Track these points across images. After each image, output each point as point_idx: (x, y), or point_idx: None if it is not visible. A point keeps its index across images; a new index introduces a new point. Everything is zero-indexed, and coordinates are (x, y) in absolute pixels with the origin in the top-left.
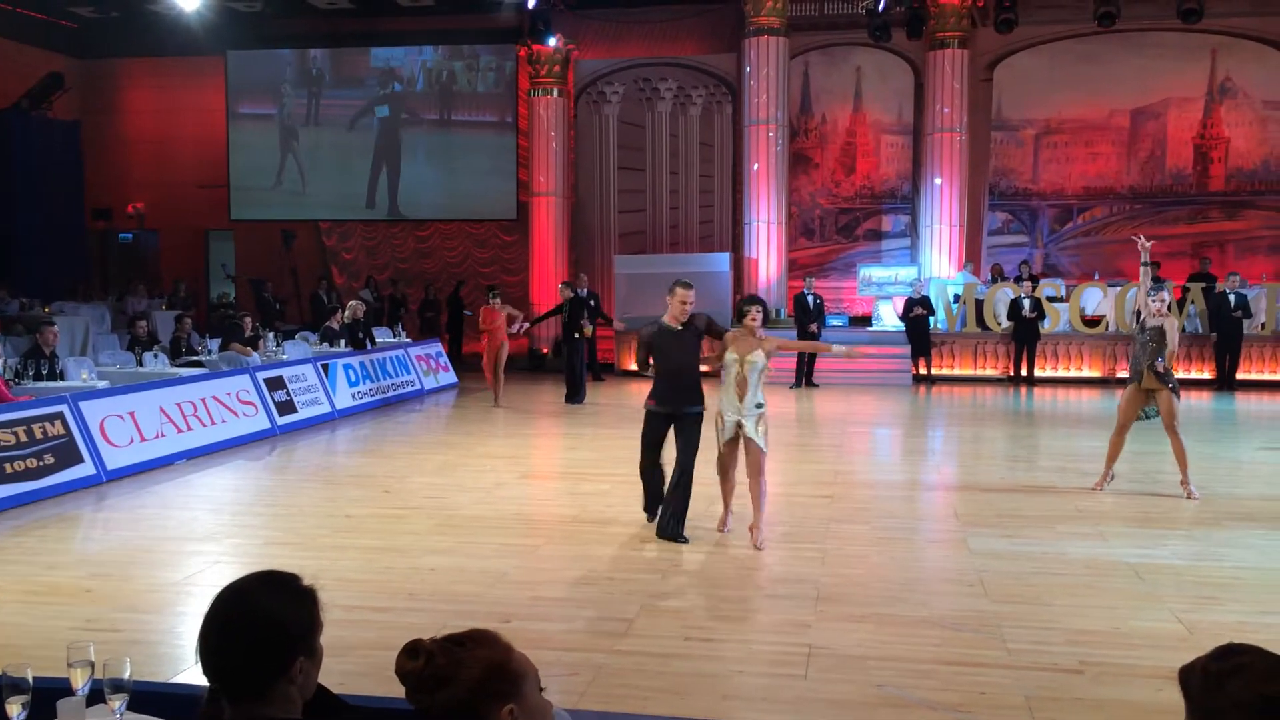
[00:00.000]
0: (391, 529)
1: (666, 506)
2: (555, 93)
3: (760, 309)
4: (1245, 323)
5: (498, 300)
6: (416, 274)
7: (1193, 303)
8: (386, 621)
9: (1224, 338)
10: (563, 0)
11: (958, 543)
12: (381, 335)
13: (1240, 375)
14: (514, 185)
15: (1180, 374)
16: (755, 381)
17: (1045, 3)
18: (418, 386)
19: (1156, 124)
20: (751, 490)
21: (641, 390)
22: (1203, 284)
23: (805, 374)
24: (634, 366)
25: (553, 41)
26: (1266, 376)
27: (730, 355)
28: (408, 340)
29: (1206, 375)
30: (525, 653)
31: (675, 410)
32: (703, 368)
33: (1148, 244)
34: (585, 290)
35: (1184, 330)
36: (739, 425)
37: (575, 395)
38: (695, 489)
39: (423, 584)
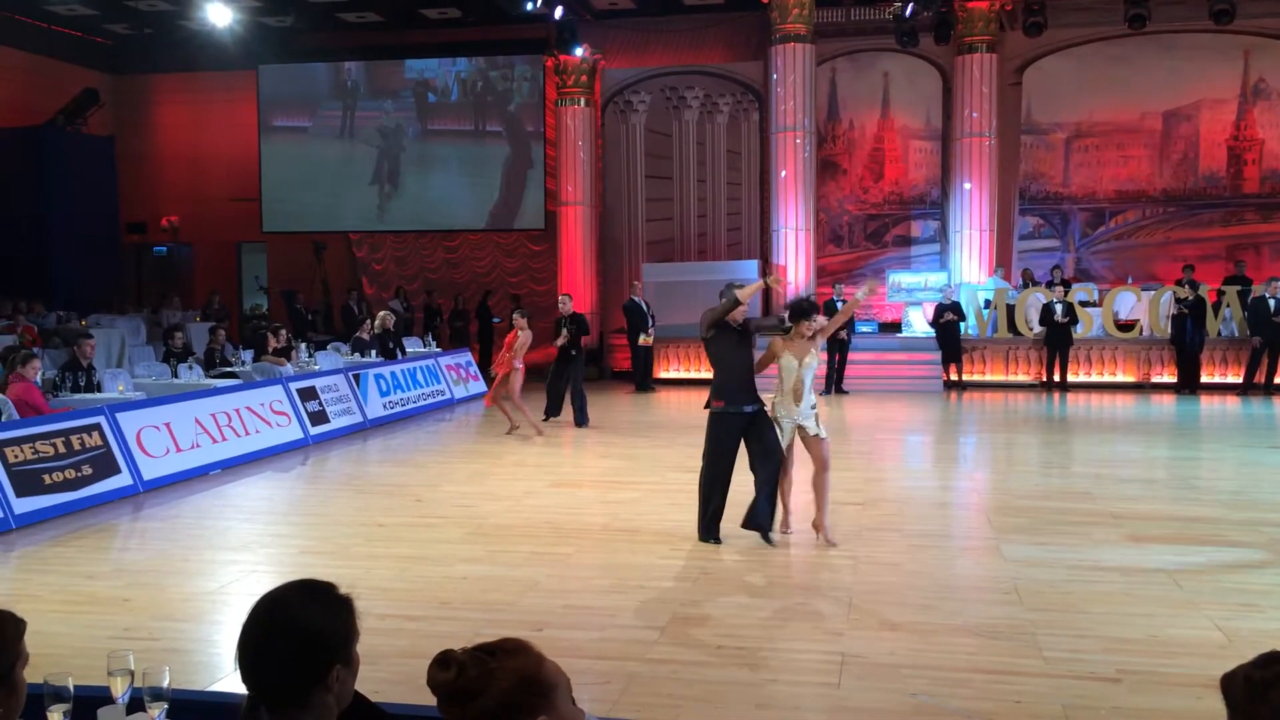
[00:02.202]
0: (423, 538)
1: (761, 514)
2: (582, 102)
3: (821, 316)
4: None
5: (524, 319)
6: (445, 284)
7: (1228, 306)
8: (419, 630)
9: (1267, 342)
10: (589, 10)
11: (991, 550)
12: (412, 345)
13: (1278, 379)
14: (542, 194)
15: (1217, 378)
16: (809, 383)
17: (1074, 5)
18: (448, 396)
19: (1189, 126)
20: (821, 485)
21: (684, 399)
22: (1238, 287)
23: (835, 380)
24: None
25: (579, 51)
26: None
27: (790, 360)
28: (438, 350)
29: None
30: (557, 661)
31: (752, 406)
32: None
33: None
34: (643, 300)
35: (1220, 334)
36: (799, 428)
37: (581, 418)
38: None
39: (455, 592)
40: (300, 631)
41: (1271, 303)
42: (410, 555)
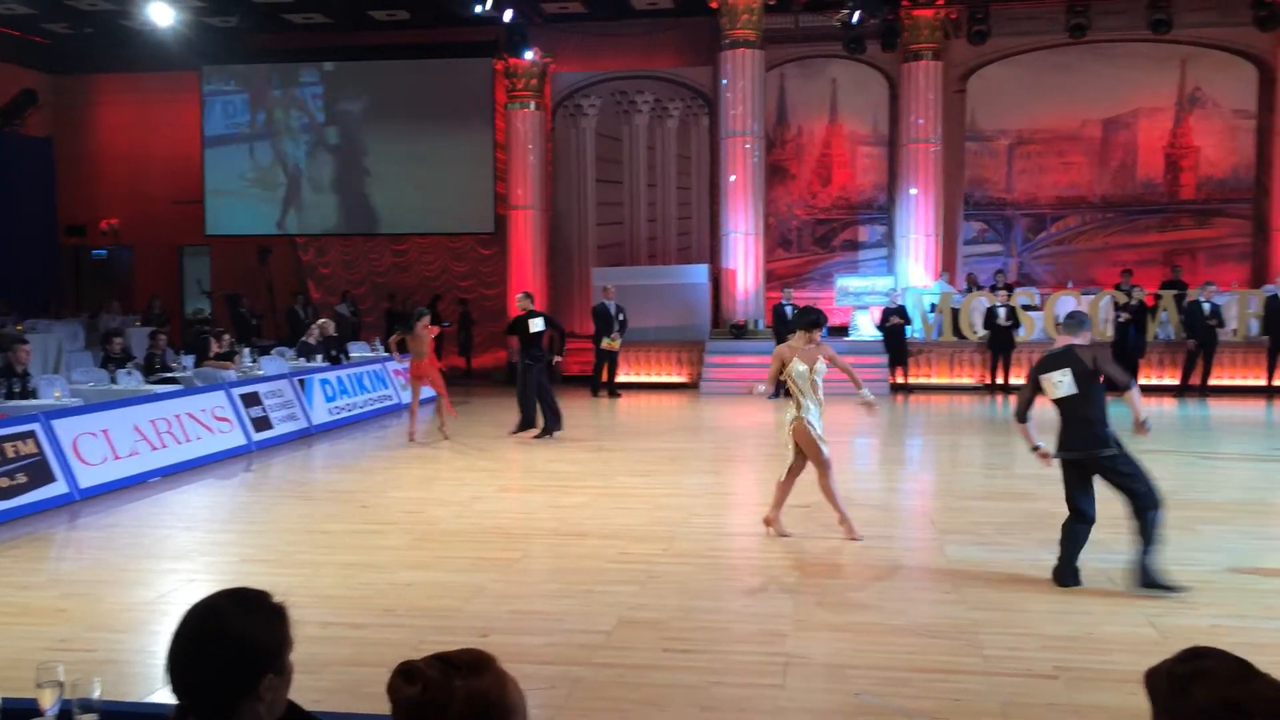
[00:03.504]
0: (369, 544)
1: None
2: (532, 106)
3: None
4: (1219, 330)
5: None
6: (394, 288)
7: (1165, 310)
8: (362, 638)
9: (1200, 345)
10: (539, 14)
11: (934, 550)
12: (358, 350)
13: (1213, 381)
14: (492, 198)
15: (1155, 380)
16: (819, 388)
17: (1017, 14)
18: (396, 401)
19: (1128, 133)
20: (789, 487)
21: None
22: (1174, 291)
23: (783, 384)
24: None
25: (529, 55)
26: (1239, 382)
27: (800, 366)
28: (386, 354)
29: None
30: (505, 667)
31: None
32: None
33: None
34: (614, 304)
35: (1157, 338)
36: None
37: (555, 422)
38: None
39: (400, 599)
40: (230, 640)
41: (1206, 307)
42: (355, 562)
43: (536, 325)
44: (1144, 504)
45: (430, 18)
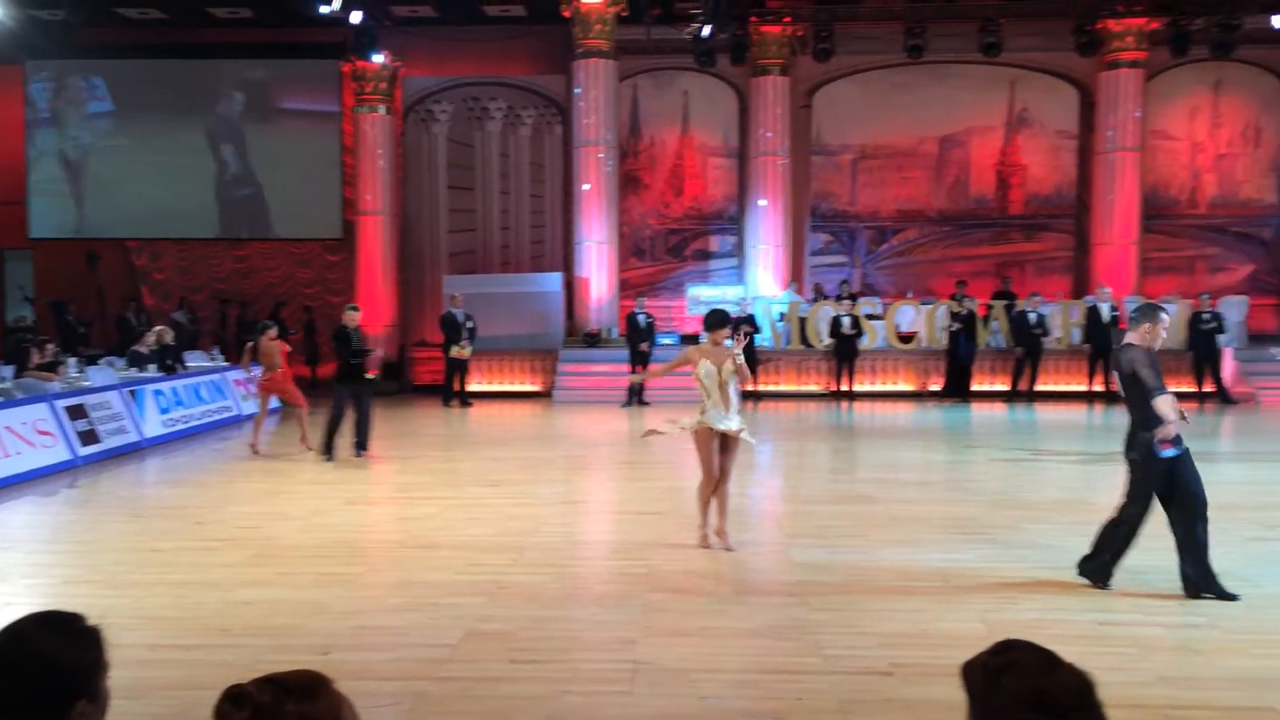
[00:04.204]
0: (203, 562)
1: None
2: (382, 110)
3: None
4: (1044, 339)
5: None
6: (235, 294)
7: (996, 319)
8: (195, 660)
9: (1027, 353)
10: (388, 17)
11: (780, 553)
12: (196, 359)
13: (1039, 387)
14: (339, 203)
15: (986, 386)
16: (735, 389)
17: (860, 34)
18: (235, 412)
19: (961, 151)
20: (726, 493)
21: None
22: (1004, 301)
23: (637, 392)
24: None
25: (379, 58)
26: (1063, 388)
27: (708, 366)
28: (224, 364)
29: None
30: (345, 684)
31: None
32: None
33: None
34: (462, 312)
35: (989, 345)
36: (725, 434)
37: (361, 443)
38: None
39: (236, 618)
40: (39, 665)
41: (1032, 316)
42: (188, 581)
43: (356, 341)
44: (1115, 521)
45: (274, 17)
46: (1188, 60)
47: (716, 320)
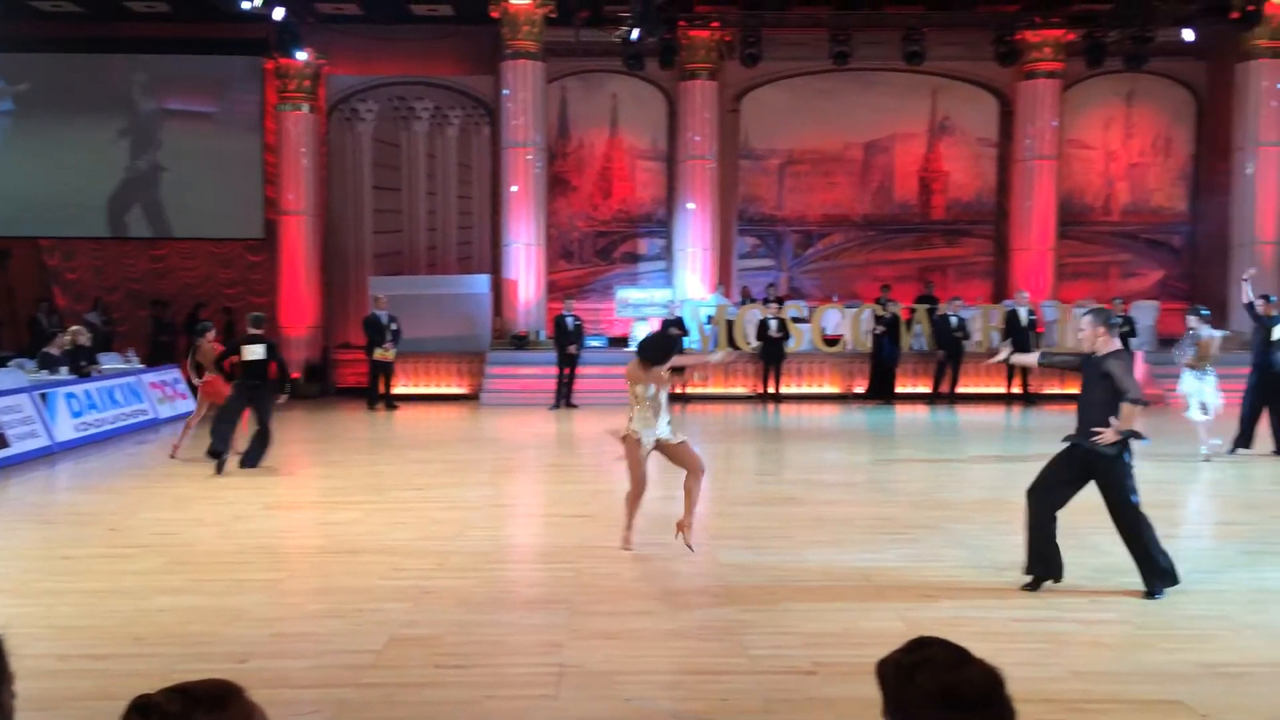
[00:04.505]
0: (117, 569)
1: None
2: (306, 108)
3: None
4: (965, 342)
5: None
6: (152, 295)
7: (918, 323)
8: (107, 670)
9: (948, 355)
10: (312, 14)
11: (707, 555)
12: (111, 361)
13: (960, 389)
14: (261, 202)
15: (910, 388)
16: (664, 402)
17: (787, 40)
18: (152, 415)
19: (886, 157)
20: (695, 489)
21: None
22: (927, 306)
23: (565, 394)
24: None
25: (302, 55)
26: (982, 390)
27: (649, 387)
28: (140, 366)
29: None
30: (263, 693)
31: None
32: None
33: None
34: (386, 314)
35: (912, 348)
36: (658, 441)
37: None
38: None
39: (150, 627)
40: None
41: (953, 320)
42: (100, 589)
43: (254, 352)
44: (1126, 530)
45: (193, 12)
46: (1102, 71)
47: (660, 354)
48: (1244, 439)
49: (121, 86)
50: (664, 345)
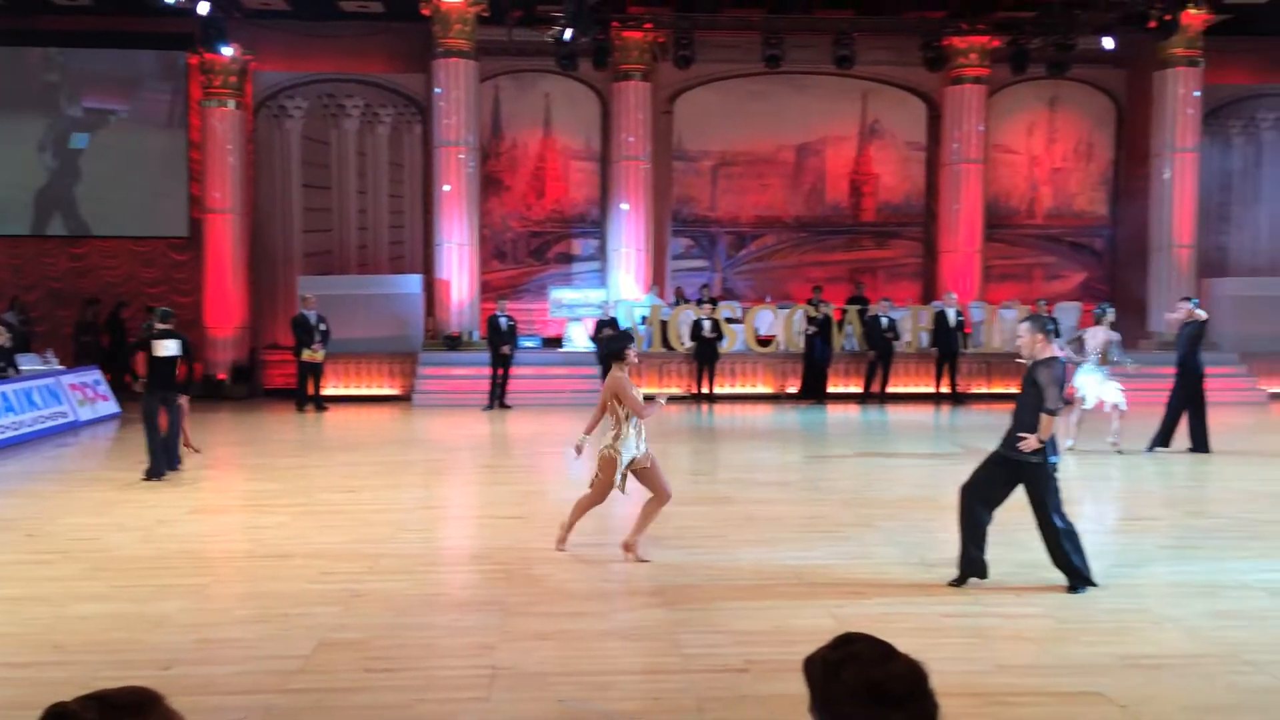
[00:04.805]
0: (35, 575)
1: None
2: (232, 104)
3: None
4: (895, 342)
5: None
6: (72, 294)
7: (850, 324)
8: (25, 678)
9: (879, 355)
10: (238, 9)
11: (641, 556)
12: (29, 362)
13: (890, 388)
14: (185, 200)
15: (841, 388)
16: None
17: (720, 43)
18: (72, 418)
19: (817, 160)
20: (653, 514)
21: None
22: (858, 306)
23: (498, 395)
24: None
25: (228, 50)
26: (912, 389)
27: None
28: (60, 367)
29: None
30: (187, 699)
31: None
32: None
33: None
34: (315, 314)
35: (843, 349)
36: (633, 460)
37: (168, 461)
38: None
39: (71, 634)
40: None
41: (883, 320)
42: (18, 596)
43: (167, 348)
44: (1048, 533)
45: (114, 5)
46: (1027, 78)
47: (620, 344)
48: (1163, 438)
49: (40, 81)
50: (620, 337)
